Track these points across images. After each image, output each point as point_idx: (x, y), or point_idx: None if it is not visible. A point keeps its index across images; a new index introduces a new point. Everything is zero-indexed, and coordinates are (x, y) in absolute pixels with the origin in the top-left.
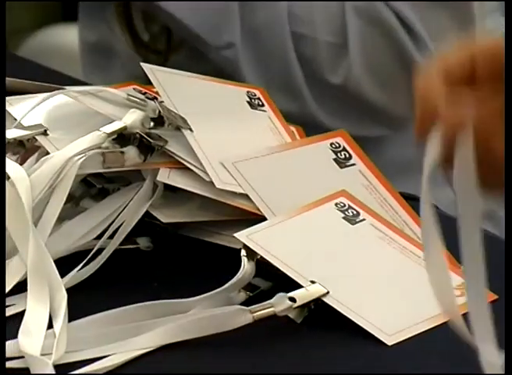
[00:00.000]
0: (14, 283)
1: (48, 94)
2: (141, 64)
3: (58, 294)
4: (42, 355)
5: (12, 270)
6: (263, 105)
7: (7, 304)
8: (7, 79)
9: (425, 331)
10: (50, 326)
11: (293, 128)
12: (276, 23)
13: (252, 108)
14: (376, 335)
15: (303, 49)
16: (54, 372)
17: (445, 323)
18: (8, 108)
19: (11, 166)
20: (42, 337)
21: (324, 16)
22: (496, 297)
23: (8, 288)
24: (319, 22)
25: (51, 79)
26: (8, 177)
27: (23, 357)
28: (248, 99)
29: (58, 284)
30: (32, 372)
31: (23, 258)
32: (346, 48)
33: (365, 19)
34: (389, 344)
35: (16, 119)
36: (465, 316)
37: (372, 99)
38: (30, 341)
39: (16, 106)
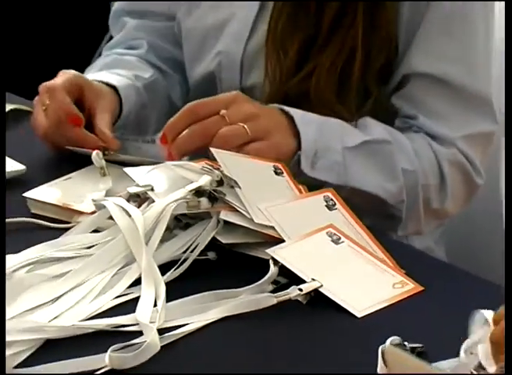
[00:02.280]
0: (133, 279)
1: (154, 166)
2: (210, 148)
3: (160, 286)
4: (150, 322)
5: (132, 272)
6: (283, 173)
7: (128, 292)
8: (129, 156)
9: (383, 308)
10: (154, 305)
11: (300, 187)
12: (415, 187)
13: (276, 175)
14: (350, 310)
15: (423, 193)
16: (157, 333)
17: (395, 302)
18: (129, 173)
19: (132, 209)
20: (150, 312)
21: (429, 167)
22: (422, 288)
23: (130, 282)
24: (428, 171)
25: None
26: (130, 215)
27: (138, 324)
28: (274, 169)
29: (160, 280)
30: (144, 333)
31: (139, 264)
32: (444, 184)
33: (452, 165)
34: (359, 316)
35: (134, 181)
36: None
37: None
38: (142, 314)
39: (135, 173)
